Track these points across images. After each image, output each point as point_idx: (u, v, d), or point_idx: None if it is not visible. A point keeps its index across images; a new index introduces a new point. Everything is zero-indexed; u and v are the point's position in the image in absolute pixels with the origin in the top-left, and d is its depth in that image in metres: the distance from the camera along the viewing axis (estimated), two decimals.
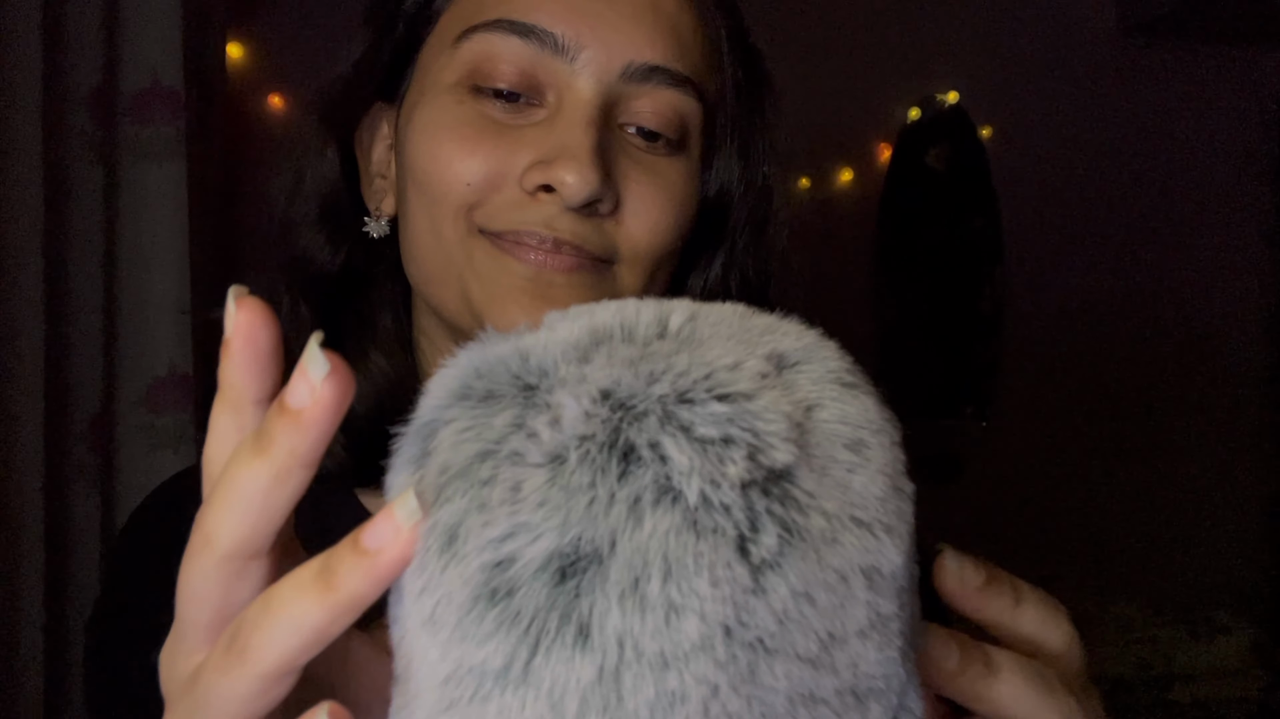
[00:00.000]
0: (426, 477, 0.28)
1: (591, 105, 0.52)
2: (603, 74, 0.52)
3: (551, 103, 0.53)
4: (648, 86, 0.53)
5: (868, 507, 0.28)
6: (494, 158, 0.52)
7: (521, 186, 0.52)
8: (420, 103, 0.55)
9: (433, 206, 0.53)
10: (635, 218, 0.53)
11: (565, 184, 0.50)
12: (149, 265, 1.51)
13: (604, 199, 0.52)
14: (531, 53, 0.52)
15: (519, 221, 0.52)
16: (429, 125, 0.54)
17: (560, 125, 0.52)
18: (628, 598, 0.26)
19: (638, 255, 0.54)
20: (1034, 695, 0.35)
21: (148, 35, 1.50)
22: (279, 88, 2.05)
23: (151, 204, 1.51)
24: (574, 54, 0.52)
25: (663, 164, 0.55)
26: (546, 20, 0.52)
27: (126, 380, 1.50)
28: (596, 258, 0.53)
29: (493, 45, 0.52)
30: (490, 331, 0.31)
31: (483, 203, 0.52)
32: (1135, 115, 2.50)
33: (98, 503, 1.44)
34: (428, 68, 0.56)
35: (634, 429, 0.27)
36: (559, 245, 0.52)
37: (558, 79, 0.53)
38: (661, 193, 0.54)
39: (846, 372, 0.31)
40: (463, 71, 0.53)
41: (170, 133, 1.51)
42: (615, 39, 0.52)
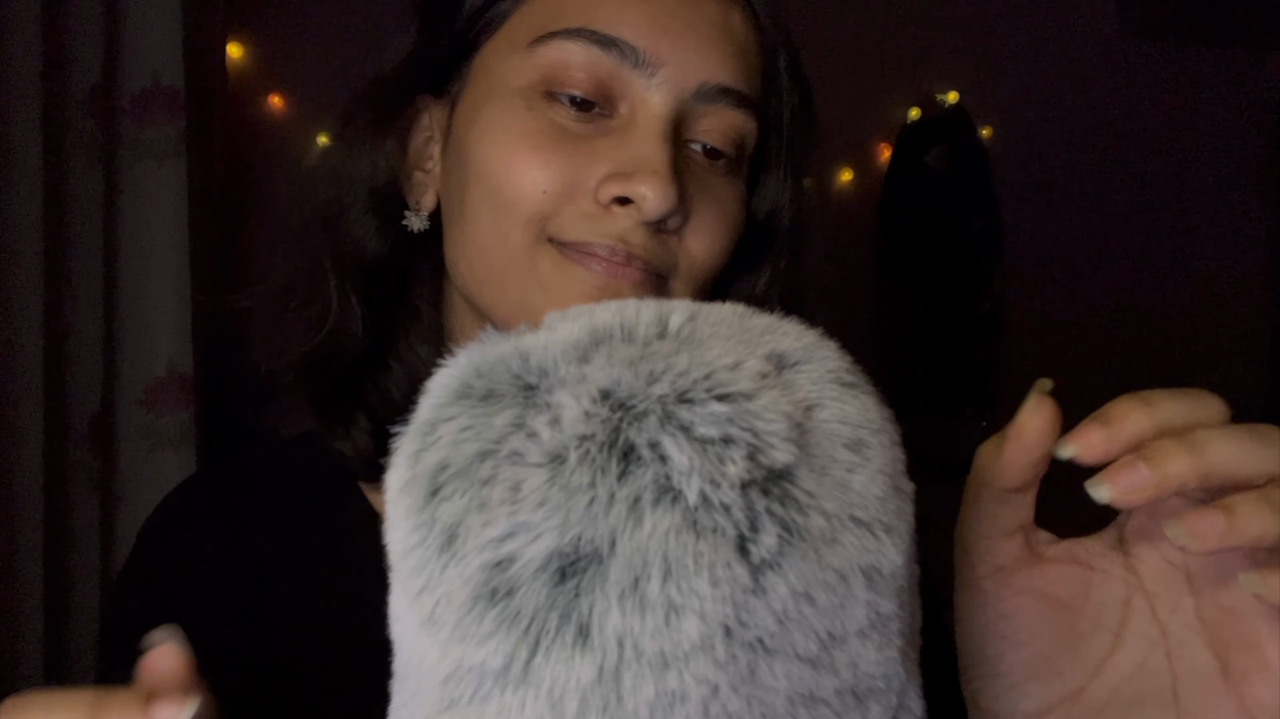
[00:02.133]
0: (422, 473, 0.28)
1: (666, 121, 0.52)
2: (678, 91, 0.53)
3: (623, 114, 0.53)
4: (716, 107, 0.54)
5: (868, 506, 0.28)
6: (569, 168, 0.52)
7: (596, 198, 0.52)
8: (486, 104, 0.55)
9: (501, 213, 0.53)
10: (696, 235, 0.54)
11: (645, 199, 0.50)
12: (149, 265, 1.51)
13: (677, 215, 0.53)
14: (610, 64, 0.52)
15: (592, 233, 0.52)
16: (499, 130, 0.54)
17: (636, 138, 0.52)
18: (628, 598, 0.26)
19: (693, 273, 0.55)
20: (1251, 441, 0.36)
21: (148, 35, 1.50)
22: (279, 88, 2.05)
23: (151, 204, 1.51)
24: (653, 70, 0.52)
25: (721, 184, 0.56)
26: (630, 34, 0.52)
27: (126, 380, 1.50)
28: (659, 274, 0.53)
29: (571, 53, 0.53)
30: (490, 331, 0.31)
31: (556, 213, 0.52)
32: (1135, 115, 2.50)
33: (98, 503, 1.44)
34: (492, 68, 0.56)
35: (634, 429, 0.27)
36: (630, 259, 0.52)
37: (633, 92, 0.53)
38: (721, 213, 0.55)
39: (846, 371, 0.31)
40: (536, 75, 0.53)
41: (170, 133, 1.51)
42: (692, 58, 0.53)
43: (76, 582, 1.42)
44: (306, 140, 2.07)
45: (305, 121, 2.06)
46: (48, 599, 1.32)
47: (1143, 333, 2.47)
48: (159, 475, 1.49)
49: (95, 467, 1.44)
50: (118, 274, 1.50)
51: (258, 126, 2.04)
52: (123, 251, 1.50)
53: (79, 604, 1.42)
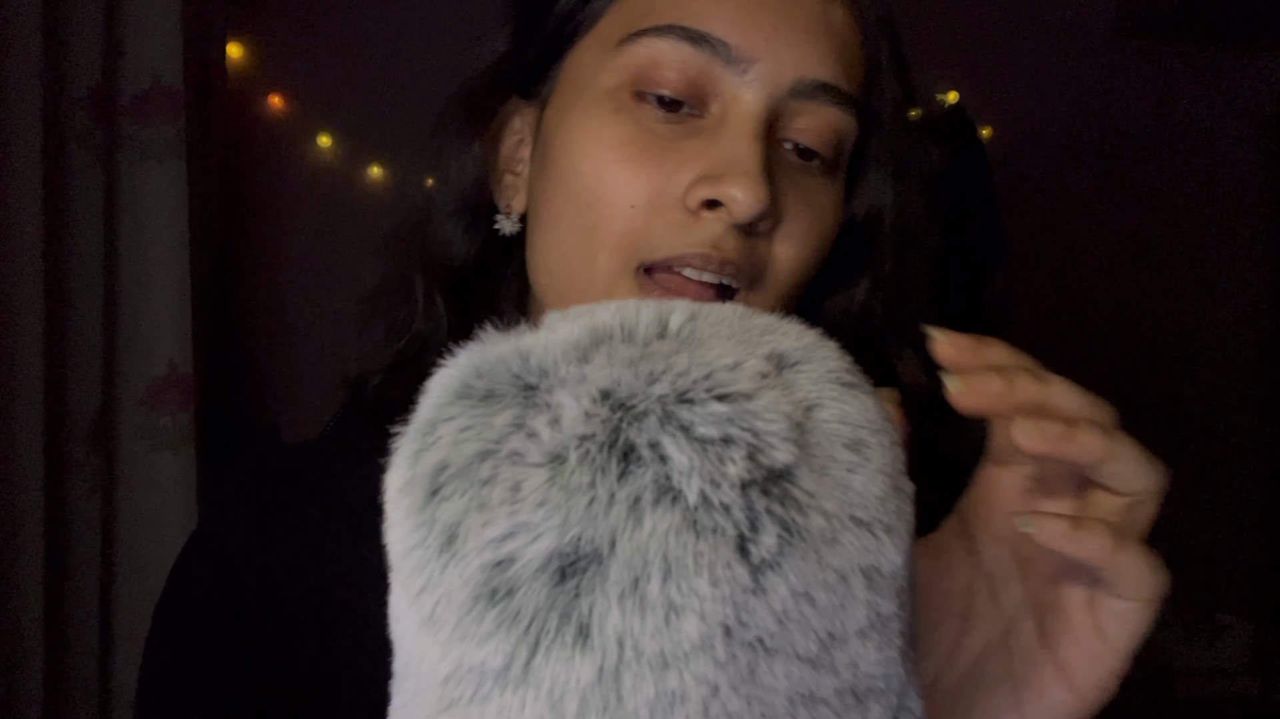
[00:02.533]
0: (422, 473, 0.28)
1: (759, 119, 0.50)
2: (772, 88, 0.51)
3: (714, 113, 0.51)
4: (812, 104, 0.52)
5: (868, 506, 0.28)
6: (658, 176, 0.50)
7: (685, 204, 0.50)
8: (575, 106, 0.53)
9: (593, 230, 0.51)
10: (787, 240, 0.52)
11: (735, 200, 0.48)
12: (149, 265, 1.51)
13: (768, 217, 0.51)
14: (701, 61, 0.51)
15: (684, 244, 0.50)
16: (588, 136, 0.52)
17: (726, 137, 0.50)
18: (628, 598, 0.26)
19: (779, 279, 0.53)
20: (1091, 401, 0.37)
21: (148, 35, 1.50)
22: (279, 88, 2.05)
23: (151, 204, 1.51)
24: (746, 66, 0.50)
25: (816, 185, 0.53)
26: (722, 29, 0.50)
27: (126, 380, 1.50)
28: (749, 279, 0.51)
29: (661, 51, 0.51)
30: (490, 330, 0.31)
31: (646, 229, 0.51)
32: (1135, 115, 2.50)
33: (98, 503, 1.44)
34: (582, 69, 0.54)
35: (634, 429, 0.27)
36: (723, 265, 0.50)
37: (724, 89, 0.51)
38: (815, 215, 0.53)
39: (846, 371, 0.31)
40: (625, 76, 0.52)
41: (170, 133, 1.51)
42: (788, 53, 0.51)
43: (76, 582, 1.42)
44: (307, 140, 2.07)
45: (305, 121, 2.06)
46: (48, 599, 1.32)
47: (1142, 332, 2.47)
48: (159, 475, 1.49)
49: (95, 467, 1.44)
50: (118, 274, 1.50)
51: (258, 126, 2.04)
52: (123, 251, 1.50)
53: (79, 604, 1.42)
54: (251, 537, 0.58)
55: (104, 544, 1.45)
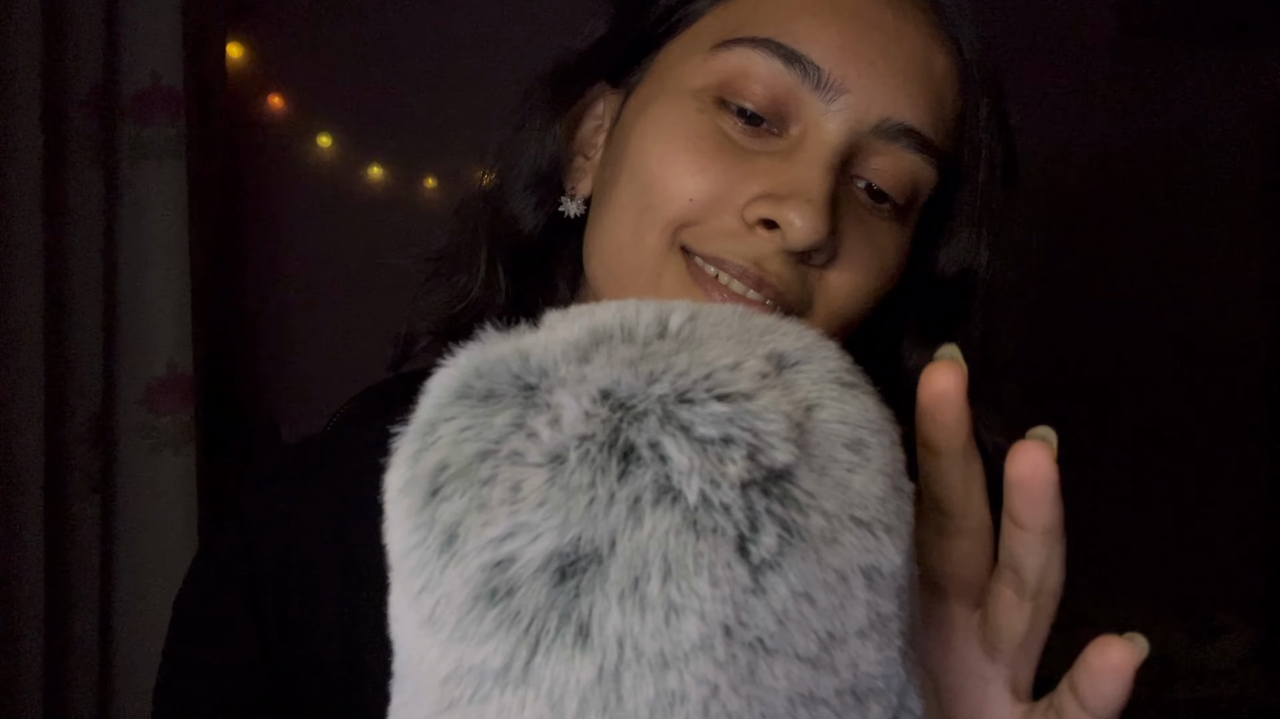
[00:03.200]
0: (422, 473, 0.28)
1: (836, 151, 0.50)
2: (856, 123, 0.50)
3: (794, 136, 0.51)
4: (894, 146, 0.51)
5: (868, 506, 0.28)
6: (724, 180, 0.50)
7: (743, 216, 0.50)
8: (657, 99, 0.53)
9: (645, 211, 0.51)
10: (841, 276, 0.51)
11: (792, 226, 0.48)
12: (149, 265, 1.51)
13: (822, 250, 0.50)
14: (791, 81, 0.50)
15: (729, 251, 0.50)
16: (664, 127, 0.52)
17: (799, 162, 0.49)
18: (628, 598, 0.26)
19: (830, 314, 0.52)
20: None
21: (148, 35, 1.50)
22: (279, 88, 2.05)
23: (151, 204, 1.51)
24: (834, 95, 0.50)
25: (882, 228, 0.52)
26: (818, 54, 0.50)
27: (126, 380, 1.50)
28: (788, 308, 0.51)
29: (753, 63, 0.50)
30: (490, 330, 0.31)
31: (698, 223, 0.50)
32: (1135, 116, 2.50)
33: (98, 503, 1.44)
34: (672, 65, 0.54)
35: (634, 429, 0.27)
36: (760, 284, 0.49)
37: (807, 114, 0.50)
38: (874, 258, 0.52)
39: (846, 371, 0.31)
40: (713, 80, 0.51)
41: (170, 133, 1.51)
42: (879, 91, 0.50)
43: (76, 582, 1.42)
44: (307, 140, 2.07)
45: (305, 121, 2.06)
46: (48, 599, 1.32)
47: (1142, 332, 2.47)
48: (159, 475, 1.49)
49: (95, 467, 1.44)
50: (118, 274, 1.50)
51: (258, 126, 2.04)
52: (123, 251, 1.50)
53: (79, 604, 1.42)
54: (269, 535, 0.58)
55: (104, 544, 1.45)
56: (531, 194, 0.60)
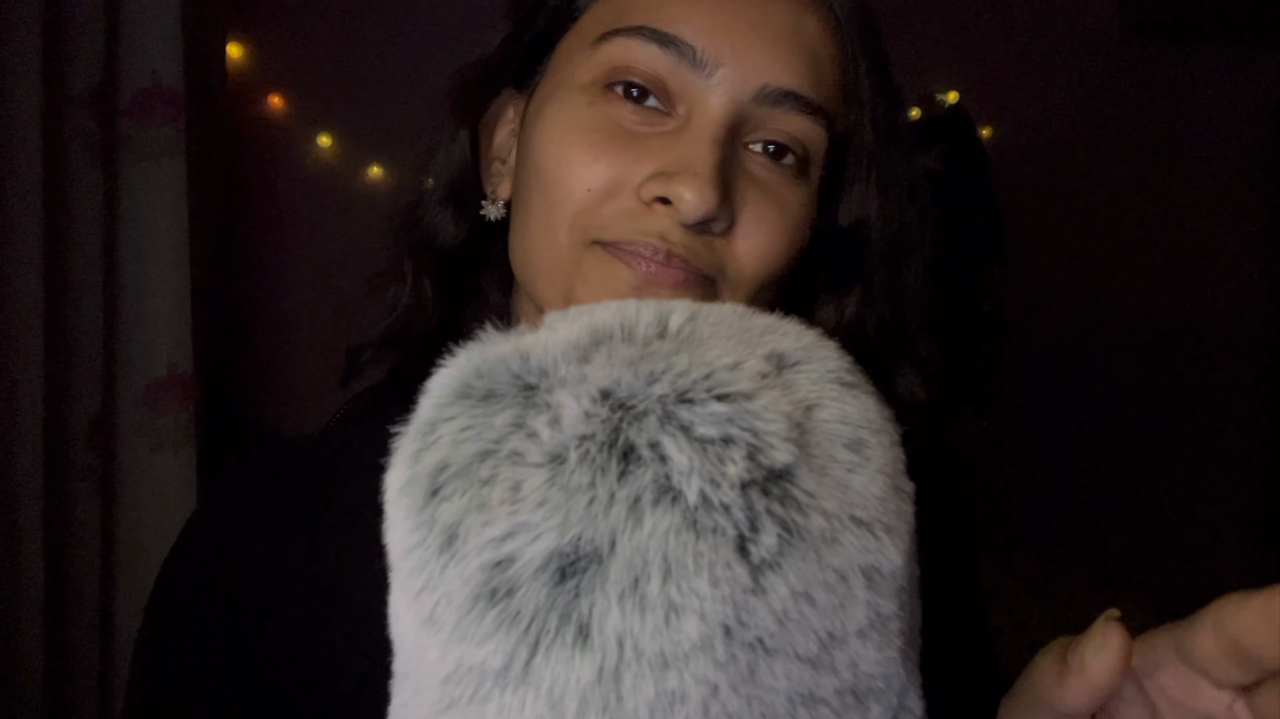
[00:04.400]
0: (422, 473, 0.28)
1: (720, 123, 0.52)
2: (736, 93, 0.52)
3: (680, 115, 0.53)
4: (778, 111, 0.53)
5: (868, 506, 0.28)
6: (617, 165, 0.52)
7: (639, 196, 0.52)
8: (552, 98, 0.55)
9: (552, 209, 0.54)
10: (746, 239, 0.53)
11: (683, 200, 0.50)
12: (149, 265, 1.51)
13: (719, 218, 0.52)
14: (669, 63, 0.52)
15: (633, 231, 0.52)
16: (558, 124, 0.54)
17: (686, 139, 0.52)
18: (628, 598, 0.25)
19: (743, 277, 0.54)
20: None
21: (148, 35, 1.50)
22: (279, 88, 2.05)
23: (151, 204, 1.51)
24: (711, 70, 0.52)
25: (783, 187, 0.54)
26: (690, 33, 0.52)
27: (126, 380, 1.50)
28: (703, 274, 0.53)
29: (632, 50, 0.53)
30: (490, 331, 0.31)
31: (598, 211, 0.52)
32: (1135, 116, 2.50)
33: (98, 503, 1.44)
34: (562, 64, 0.57)
35: (634, 429, 0.27)
36: (670, 258, 0.51)
37: (690, 92, 0.52)
38: (777, 216, 0.54)
39: (846, 371, 0.31)
40: (599, 72, 0.54)
41: (170, 133, 1.51)
42: (754, 60, 0.52)
43: (76, 581, 1.42)
44: (307, 140, 2.07)
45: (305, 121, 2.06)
46: (48, 599, 1.32)
47: (1142, 332, 2.47)
48: (159, 475, 1.49)
49: (95, 467, 1.44)
50: (118, 274, 1.50)
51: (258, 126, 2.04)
52: (123, 251, 1.50)
53: (79, 604, 1.42)
54: (247, 532, 0.58)
55: (104, 544, 1.45)
56: (448, 204, 0.62)
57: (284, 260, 2.05)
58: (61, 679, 1.38)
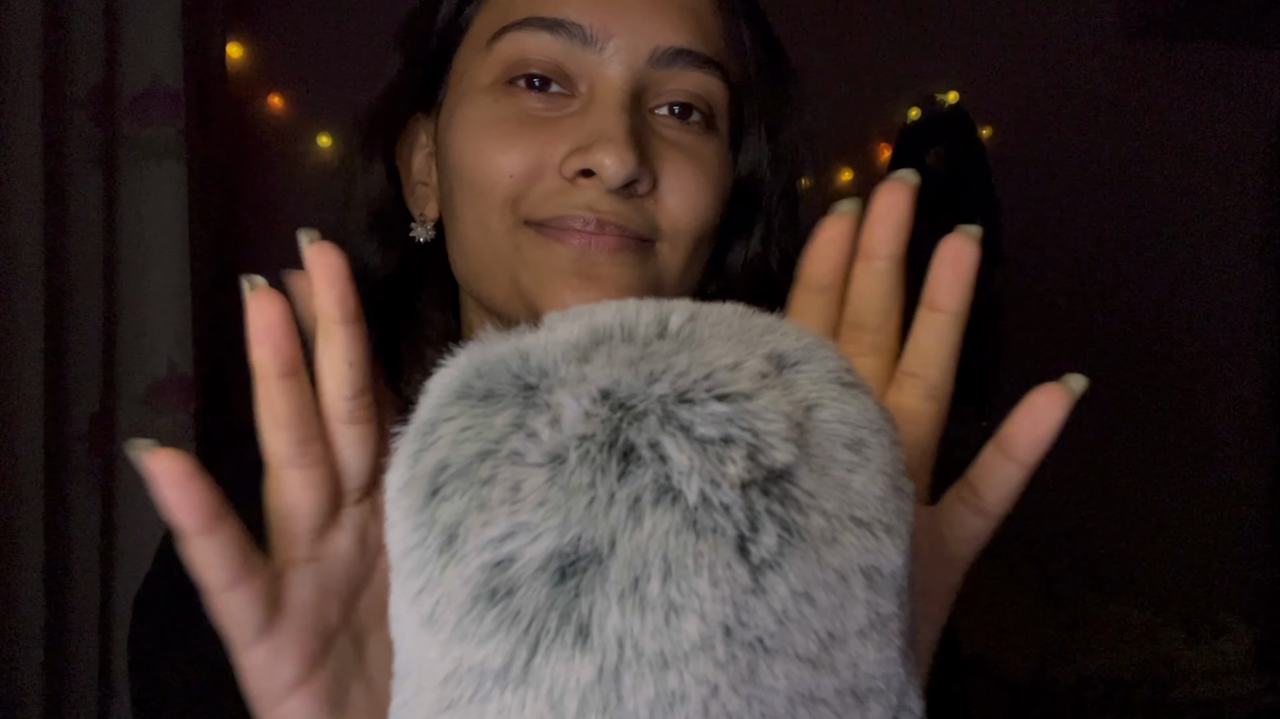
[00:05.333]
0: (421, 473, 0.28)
1: (623, 91, 0.54)
2: (631, 60, 0.54)
3: (584, 93, 0.55)
4: (675, 70, 0.55)
5: (868, 506, 0.28)
6: (533, 148, 0.54)
7: (561, 174, 0.54)
8: (459, 106, 0.58)
9: (478, 202, 0.55)
10: (673, 195, 0.55)
11: (604, 166, 0.52)
12: (149, 265, 1.51)
13: (641, 179, 0.54)
14: (561, 46, 0.54)
15: (562, 207, 0.54)
16: (469, 124, 0.56)
17: (595, 112, 0.54)
18: (628, 598, 0.26)
19: (678, 232, 0.56)
20: None
21: (148, 35, 1.50)
22: (279, 88, 2.05)
23: (151, 204, 1.51)
24: (602, 44, 0.54)
25: (696, 142, 0.57)
26: (574, 13, 0.54)
27: (126, 380, 1.51)
28: (640, 237, 0.55)
29: (524, 43, 0.55)
30: (490, 331, 0.31)
31: (526, 194, 0.54)
32: (1135, 115, 2.50)
33: (98, 503, 1.44)
34: (463, 73, 0.59)
35: (634, 429, 0.27)
36: (602, 226, 0.53)
37: (588, 69, 0.55)
38: (697, 170, 0.56)
39: (846, 371, 0.31)
40: (497, 70, 0.56)
41: (170, 133, 1.51)
42: (641, 26, 0.55)
43: (76, 581, 1.42)
44: (307, 140, 2.07)
45: (305, 121, 2.07)
46: (48, 599, 1.32)
47: (1142, 332, 2.47)
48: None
49: (95, 467, 1.44)
50: (118, 274, 1.50)
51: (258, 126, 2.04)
52: (123, 251, 1.51)
53: (79, 604, 1.42)
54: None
55: (104, 544, 1.45)
56: (374, 236, 0.63)
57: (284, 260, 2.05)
58: (62, 679, 1.38)
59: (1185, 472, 2.46)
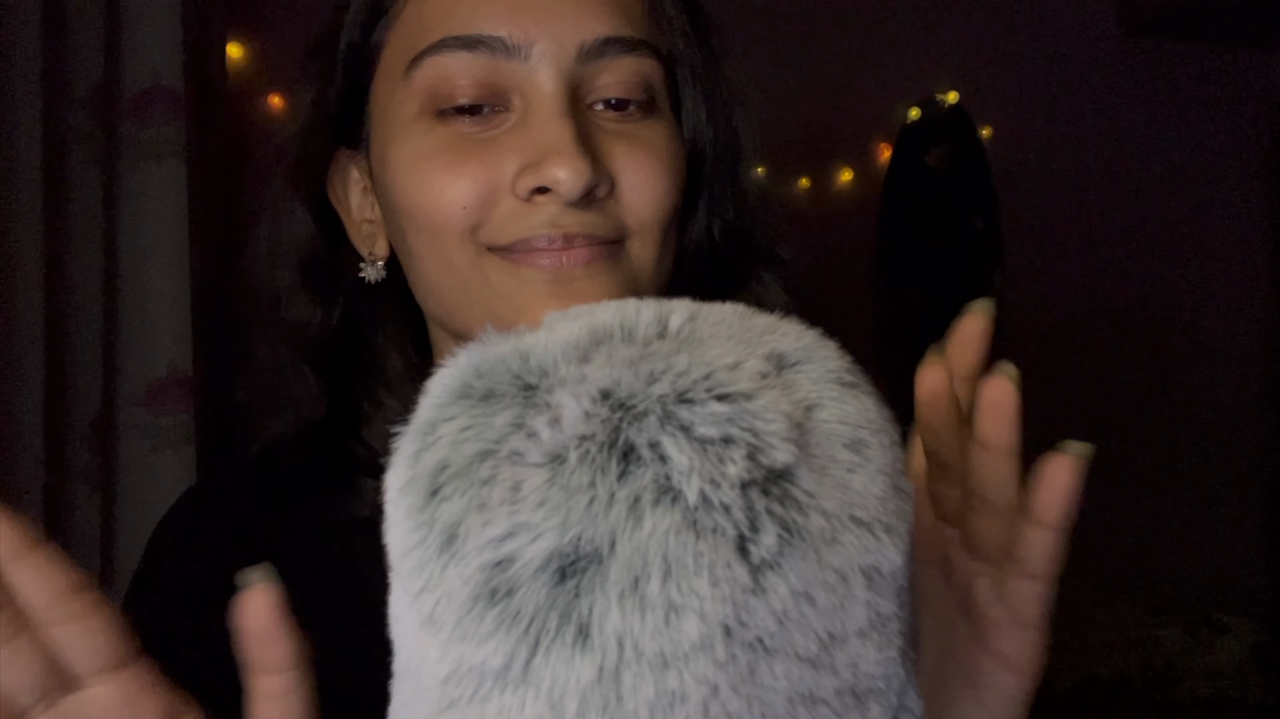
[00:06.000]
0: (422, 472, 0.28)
1: (559, 96, 0.52)
2: (560, 62, 0.52)
3: (519, 105, 0.53)
4: (605, 60, 0.53)
5: (867, 506, 0.28)
6: (482, 174, 0.52)
7: (515, 194, 0.52)
8: (390, 142, 0.55)
9: (436, 240, 0.53)
10: (633, 191, 0.53)
11: (560, 181, 0.50)
12: (149, 265, 1.51)
13: (599, 183, 0.52)
14: (484, 62, 0.52)
15: (524, 229, 0.52)
16: (406, 162, 0.53)
17: (535, 124, 0.52)
18: (627, 598, 0.26)
19: (645, 226, 0.54)
20: None
21: (148, 35, 1.50)
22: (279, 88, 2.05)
23: (151, 204, 1.51)
24: (526, 52, 0.52)
25: (641, 130, 0.55)
26: (490, 26, 0.52)
27: (126, 380, 1.50)
28: (609, 240, 0.53)
29: (444, 66, 0.52)
30: (490, 331, 0.31)
31: (484, 221, 0.52)
32: (1135, 116, 2.50)
33: (98, 503, 1.44)
34: (384, 105, 0.56)
35: (634, 429, 0.27)
36: (570, 240, 0.52)
37: (518, 80, 0.52)
38: (650, 159, 0.54)
39: (846, 371, 0.31)
40: (422, 100, 0.53)
41: (170, 133, 1.51)
42: (561, 25, 0.52)
43: None
44: None
45: None
46: None
47: (1142, 332, 2.47)
48: (159, 475, 1.49)
49: (95, 467, 1.44)
50: (118, 274, 1.50)
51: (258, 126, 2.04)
52: (123, 251, 1.50)
53: None
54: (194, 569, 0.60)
55: (104, 544, 1.45)
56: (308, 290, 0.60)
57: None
58: None
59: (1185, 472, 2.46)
